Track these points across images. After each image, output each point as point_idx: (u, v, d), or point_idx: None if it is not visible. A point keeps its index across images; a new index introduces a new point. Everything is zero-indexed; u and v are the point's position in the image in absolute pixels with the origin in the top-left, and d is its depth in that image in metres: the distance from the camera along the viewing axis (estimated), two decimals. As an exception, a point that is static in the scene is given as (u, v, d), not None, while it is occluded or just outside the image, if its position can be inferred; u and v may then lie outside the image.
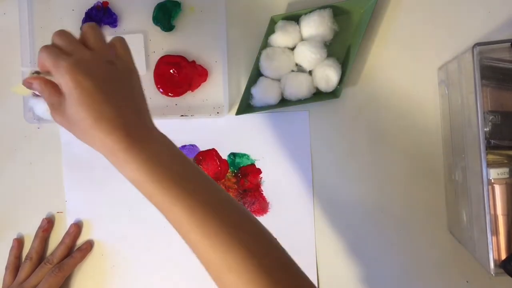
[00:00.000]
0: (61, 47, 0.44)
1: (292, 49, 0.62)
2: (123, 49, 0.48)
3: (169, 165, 0.43)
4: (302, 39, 0.62)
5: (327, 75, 0.60)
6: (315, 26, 0.60)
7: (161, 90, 0.64)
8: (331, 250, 0.63)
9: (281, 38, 0.61)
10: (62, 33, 0.45)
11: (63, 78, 0.42)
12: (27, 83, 0.47)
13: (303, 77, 0.61)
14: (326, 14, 0.61)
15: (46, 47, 0.44)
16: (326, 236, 0.63)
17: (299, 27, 0.62)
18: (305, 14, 0.61)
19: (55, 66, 0.42)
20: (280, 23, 0.61)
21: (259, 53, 0.62)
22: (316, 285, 0.63)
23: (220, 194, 0.44)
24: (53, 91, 0.44)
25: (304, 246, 0.63)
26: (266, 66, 0.61)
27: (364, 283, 0.63)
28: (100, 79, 0.42)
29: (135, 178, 0.43)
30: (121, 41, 0.49)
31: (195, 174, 0.44)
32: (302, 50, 0.61)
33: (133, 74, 0.47)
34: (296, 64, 0.62)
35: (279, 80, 0.62)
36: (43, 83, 0.45)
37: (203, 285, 0.65)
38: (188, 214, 0.41)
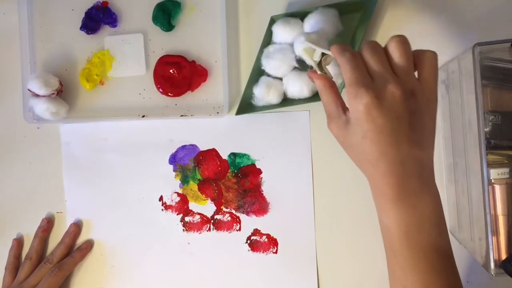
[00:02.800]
0: (368, 64, 0.41)
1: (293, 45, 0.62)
2: (430, 72, 0.42)
3: (429, 234, 0.39)
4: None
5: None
6: (320, 21, 0.59)
7: (161, 90, 0.64)
8: (331, 250, 0.63)
9: (283, 32, 0.60)
10: (374, 51, 0.41)
11: (357, 106, 0.39)
12: (310, 75, 0.44)
13: (306, 77, 0.61)
14: (331, 12, 0.60)
15: (353, 57, 0.41)
16: (326, 236, 0.63)
17: (303, 24, 0.61)
18: (311, 12, 0.60)
19: (354, 89, 0.40)
20: (283, 19, 0.61)
21: (260, 52, 0.62)
22: (317, 285, 0.63)
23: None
24: (338, 104, 0.42)
25: (304, 246, 0.63)
26: (267, 64, 0.61)
27: (364, 283, 0.63)
28: (395, 117, 0.39)
29: (389, 229, 0.41)
30: (431, 60, 0.42)
31: (447, 254, 0.40)
32: (302, 41, 0.58)
33: (431, 107, 0.41)
34: (298, 61, 0.61)
35: (280, 79, 0.62)
36: (328, 89, 0.42)
37: (202, 284, 0.65)
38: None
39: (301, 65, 0.61)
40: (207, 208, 0.65)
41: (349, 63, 0.41)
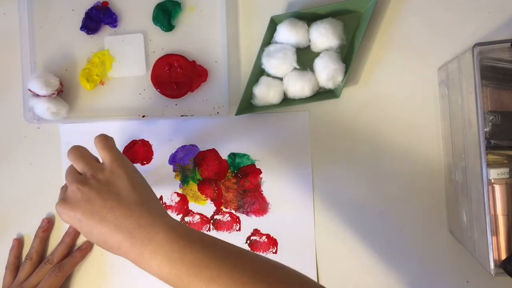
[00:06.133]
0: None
1: (295, 46, 0.62)
2: (101, 152, 0.52)
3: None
4: (309, 41, 0.62)
5: (334, 76, 0.60)
6: (328, 30, 0.60)
7: (160, 90, 0.64)
8: (331, 250, 0.63)
9: (289, 32, 0.60)
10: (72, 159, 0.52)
11: (59, 215, 0.49)
12: None
13: (308, 76, 0.61)
14: (339, 24, 0.61)
15: (67, 170, 0.52)
16: (326, 236, 0.63)
17: (309, 30, 0.62)
18: (320, 20, 0.61)
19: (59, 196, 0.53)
20: (289, 19, 0.61)
21: (261, 51, 0.62)
22: (316, 285, 0.63)
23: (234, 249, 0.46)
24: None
25: (304, 246, 0.63)
26: (268, 63, 0.61)
27: (364, 282, 0.63)
28: (82, 206, 0.47)
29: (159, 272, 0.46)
30: (97, 143, 0.52)
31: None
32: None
33: (118, 174, 0.49)
34: (298, 61, 0.62)
35: (280, 79, 0.62)
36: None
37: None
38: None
39: (301, 65, 0.62)
40: (207, 208, 0.65)
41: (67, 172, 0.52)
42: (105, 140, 0.52)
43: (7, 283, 0.63)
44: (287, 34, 0.61)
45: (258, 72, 0.63)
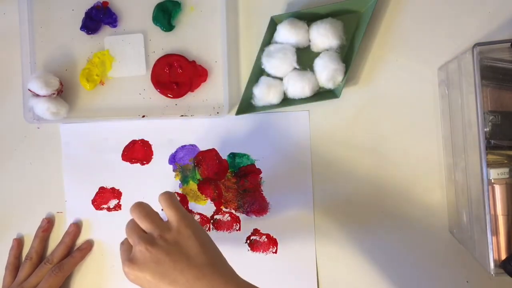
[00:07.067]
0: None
1: (295, 46, 0.62)
2: (168, 211, 0.50)
3: None
4: (309, 41, 0.62)
5: (334, 76, 0.60)
6: (329, 30, 0.60)
7: (160, 90, 0.64)
8: (331, 250, 0.63)
9: (289, 32, 0.60)
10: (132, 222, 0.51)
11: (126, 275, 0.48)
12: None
13: (308, 76, 0.61)
14: (339, 24, 0.61)
15: (128, 226, 0.50)
16: (326, 236, 0.63)
17: (309, 30, 0.62)
18: (320, 20, 0.61)
19: (122, 259, 0.50)
20: (290, 19, 0.61)
21: (261, 51, 0.62)
22: (316, 285, 0.63)
23: None
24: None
25: (304, 246, 0.63)
26: (268, 62, 0.61)
27: (363, 282, 0.63)
28: (151, 268, 0.46)
29: None
30: (163, 201, 0.51)
31: None
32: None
33: (186, 234, 0.48)
34: (298, 61, 0.62)
35: (280, 79, 0.62)
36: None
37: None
38: None
39: (302, 65, 0.62)
40: (207, 208, 0.65)
41: (127, 228, 0.51)
42: (171, 198, 0.51)
43: (7, 283, 0.63)
44: (287, 34, 0.61)
45: (258, 72, 0.63)
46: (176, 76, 0.64)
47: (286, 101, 0.63)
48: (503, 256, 0.51)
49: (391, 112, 0.63)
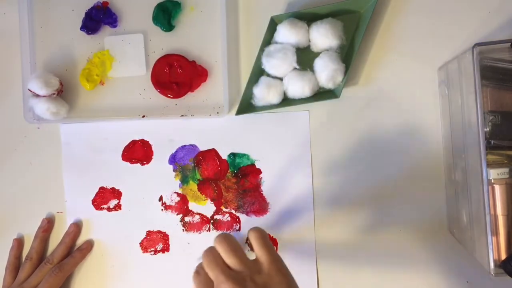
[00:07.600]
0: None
1: (295, 46, 0.62)
2: (259, 249, 0.48)
3: None
4: (309, 41, 0.62)
5: (334, 76, 0.60)
6: (329, 30, 0.60)
7: (160, 90, 0.64)
8: (331, 249, 0.63)
9: (289, 32, 0.60)
10: (209, 251, 0.48)
11: None
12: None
13: (308, 76, 0.61)
14: (339, 24, 0.61)
15: (208, 256, 0.47)
16: (326, 236, 0.63)
17: (309, 30, 0.62)
18: (320, 20, 0.61)
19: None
20: (290, 19, 0.61)
21: (261, 51, 0.62)
22: (316, 285, 0.63)
23: None
24: None
25: (304, 246, 0.63)
26: (268, 62, 0.61)
27: (363, 282, 0.63)
28: None
29: None
30: (255, 239, 0.48)
31: None
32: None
33: (275, 274, 0.46)
34: (298, 61, 0.62)
35: (280, 79, 0.62)
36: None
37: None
38: None
39: (302, 65, 0.62)
40: (207, 208, 0.65)
41: (205, 257, 0.48)
42: (264, 238, 0.48)
43: (7, 283, 0.63)
44: (287, 34, 0.61)
45: (258, 72, 0.63)
46: (176, 76, 0.64)
47: (286, 101, 0.63)
48: (503, 256, 0.51)
49: (391, 112, 0.63)
